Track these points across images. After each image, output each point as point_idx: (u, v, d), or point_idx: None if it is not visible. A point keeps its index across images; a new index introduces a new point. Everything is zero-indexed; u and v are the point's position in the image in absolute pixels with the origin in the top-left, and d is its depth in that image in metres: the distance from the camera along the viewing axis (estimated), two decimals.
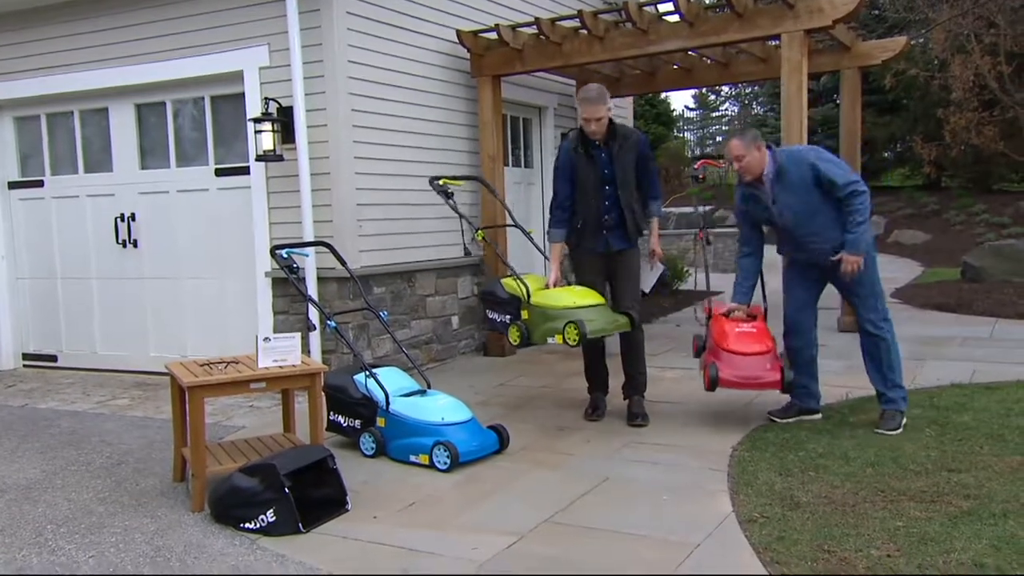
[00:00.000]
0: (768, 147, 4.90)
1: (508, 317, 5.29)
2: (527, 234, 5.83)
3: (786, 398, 5.16)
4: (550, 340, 4.96)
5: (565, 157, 5.36)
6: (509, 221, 6.45)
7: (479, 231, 5.45)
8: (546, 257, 5.66)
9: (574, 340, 4.78)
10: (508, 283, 5.33)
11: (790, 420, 5.05)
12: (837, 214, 4.75)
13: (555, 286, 5.27)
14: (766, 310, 5.20)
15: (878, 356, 4.90)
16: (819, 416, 5.10)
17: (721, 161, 7.29)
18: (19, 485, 4.49)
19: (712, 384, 4.85)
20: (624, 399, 5.41)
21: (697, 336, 5.35)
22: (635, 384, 5.40)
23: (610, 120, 5.22)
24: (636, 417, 5.24)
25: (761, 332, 5.01)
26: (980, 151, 16.63)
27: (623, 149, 5.30)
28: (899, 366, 4.93)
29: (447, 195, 5.76)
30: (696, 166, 5.44)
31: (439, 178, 5.93)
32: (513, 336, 5.18)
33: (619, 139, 5.30)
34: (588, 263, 5.39)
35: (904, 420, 4.85)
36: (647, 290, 5.56)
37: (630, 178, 5.29)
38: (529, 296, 5.16)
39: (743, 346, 4.92)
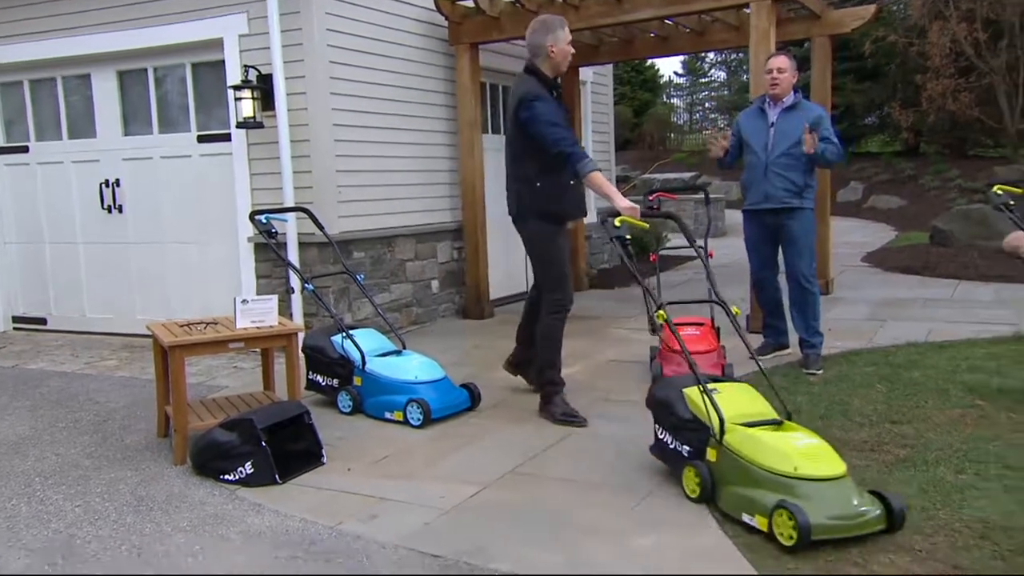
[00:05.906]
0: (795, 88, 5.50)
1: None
2: None
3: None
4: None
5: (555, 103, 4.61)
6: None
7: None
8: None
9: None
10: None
11: (767, 356, 5.72)
12: (804, 166, 5.38)
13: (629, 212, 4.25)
14: (713, 319, 5.48)
15: (805, 307, 5.52)
16: (789, 351, 5.81)
17: (676, 195, 7.49)
18: (8, 441, 4.69)
19: (655, 381, 5.08)
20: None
21: (653, 347, 5.63)
22: None
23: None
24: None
25: (705, 334, 5.36)
26: (956, 117, 16.80)
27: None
28: (820, 316, 5.56)
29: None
30: (651, 198, 5.56)
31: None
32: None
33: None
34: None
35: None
36: None
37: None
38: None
39: (686, 345, 5.14)
